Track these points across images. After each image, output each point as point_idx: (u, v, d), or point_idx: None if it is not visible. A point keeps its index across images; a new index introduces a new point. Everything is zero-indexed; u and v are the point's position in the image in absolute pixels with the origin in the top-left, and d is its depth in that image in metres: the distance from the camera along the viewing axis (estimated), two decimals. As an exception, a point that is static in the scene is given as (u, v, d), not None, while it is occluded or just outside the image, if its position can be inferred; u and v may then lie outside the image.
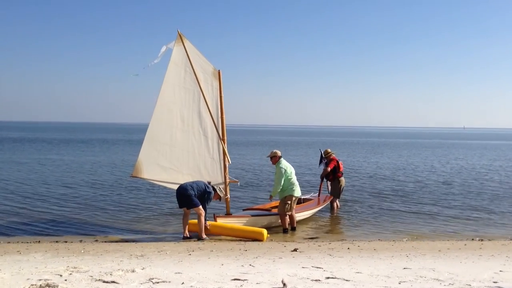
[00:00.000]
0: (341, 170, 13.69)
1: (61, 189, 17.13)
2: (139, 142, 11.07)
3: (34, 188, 17.12)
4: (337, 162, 13.65)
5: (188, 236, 9.98)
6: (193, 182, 10.09)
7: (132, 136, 65.21)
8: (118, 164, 27.05)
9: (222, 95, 11.14)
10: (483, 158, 36.91)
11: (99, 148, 42.81)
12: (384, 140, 77.05)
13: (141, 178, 11.01)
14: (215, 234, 10.24)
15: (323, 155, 13.84)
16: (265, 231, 10.05)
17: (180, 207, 10.02)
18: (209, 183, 10.33)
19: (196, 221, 10.02)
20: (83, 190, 16.98)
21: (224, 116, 11.10)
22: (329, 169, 13.49)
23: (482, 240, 10.28)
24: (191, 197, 9.79)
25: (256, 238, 10.01)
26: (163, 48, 10.83)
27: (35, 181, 19.16)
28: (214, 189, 10.25)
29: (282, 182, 10.86)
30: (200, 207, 9.82)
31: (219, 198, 10.45)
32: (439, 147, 56.04)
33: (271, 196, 11.27)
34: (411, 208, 14.13)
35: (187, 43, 10.84)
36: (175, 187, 10.77)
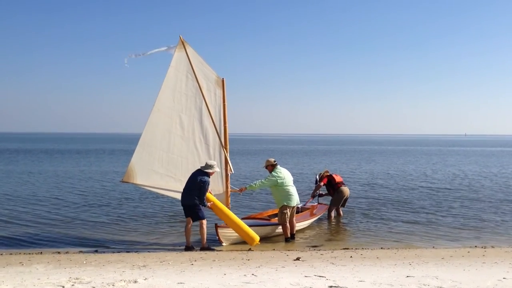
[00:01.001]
0: (337, 181, 13.88)
1: (61, 200, 17.12)
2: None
3: (34, 200, 17.11)
4: (330, 175, 13.97)
5: (191, 246, 9.95)
6: (189, 185, 9.85)
7: (129, 146, 65.56)
8: (116, 174, 27.05)
9: (226, 103, 11.09)
10: (479, 165, 36.91)
11: (95, 159, 42.79)
12: (384, 148, 77.05)
13: (133, 183, 10.79)
14: (214, 212, 10.29)
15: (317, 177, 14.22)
16: (257, 240, 10.15)
17: (186, 217, 10.02)
18: (206, 165, 10.01)
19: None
20: (83, 201, 16.97)
21: (227, 124, 11.04)
22: (322, 183, 13.78)
23: (485, 247, 10.26)
24: (194, 208, 9.78)
25: (247, 241, 10.14)
26: (163, 48, 10.68)
27: (35, 193, 19.15)
28: (206, 173, 9.89)
29: (264, 186, 10.94)
30: (204, 220, 9.83)
31: (215, 171, 10.19)
32: (437, 154, 56.03)
33: (245, 188, 11.07)
34: (412, 216, 14.10)
35: (189, 49, 10.73)
36: (172, 194, 10.77)
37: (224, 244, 10.32)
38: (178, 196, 10.76)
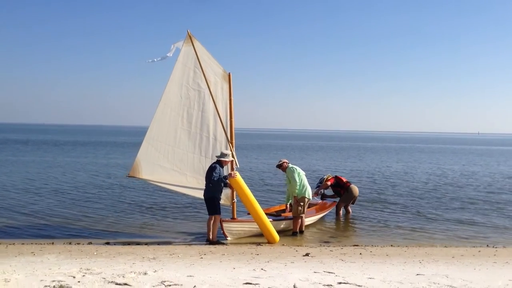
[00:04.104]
0: (344, 181, 13.95)
1: (72, 192, 17.27)
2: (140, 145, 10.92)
3: (46, 191, 17.27)
4: (336, 176, 14.12)
5: (211, 239, 9.96)
6: (205, 178, 9.97)
7: (134, 139, 65.93)
8: (125, 166, 27.18)
9: (232, 98, 11.05)
10: (489, 164, 36.50)
11: (104, 150, 43.15)
12: (396, 145, 76.53)
13: (138, 178, 10.82)
14: (240, 199, 10.21)
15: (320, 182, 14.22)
16: (277, 240, 10.22)
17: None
18: (220, 153, 10.21)
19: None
20: (93, 193, 17.10)
21: (233, 119, 11.01)
22: (329, 183, 13.83)
23: (496, 247, 10.16)
24: (210, 201, 9.88)
25: (268, 240, 10.17)
26: (172, 47, 10.65)
27: (47, 184, 19.34)
28: (219, 162, 10.05)
29: (298, 180, 11.00)
30: (218, 216, 9.92)
31: (230, 162, 10.31)
32: (443, 151, 55.55)
33: (295, 197, 11.06)
34: (422, 214, 14.00)
35: (196, 44, 10.68)
36: (178, 189, 10.84)
37: (228, 238, 10.34)
38: (184, 190, 10.86)
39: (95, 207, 14.24)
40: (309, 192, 11.12)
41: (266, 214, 11.25)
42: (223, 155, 10.14)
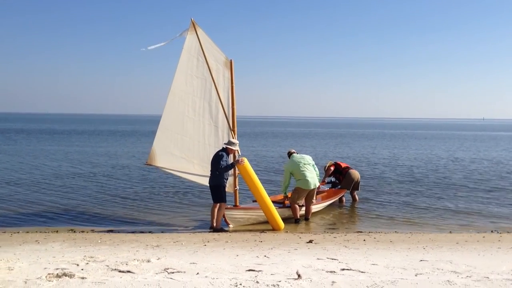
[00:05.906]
0: (344, 166, 14.01)
1: (76, 180, 17.34)
2: (146, 133, 11.01)
3: (50, 180, 17.35)
4: (336, 163, 14.21)
5: (214, 226, 9.97)
6: (211, 166, 9.96)
7: (140, 127, 66.00)
8: (130, 155, 27.24)
9: (234, 85, 11.04)
10: (495, 151, 36.35)
11: (109, 139, 43.20)
12: (399, 132, 76.35)
13: (155, 166, 10.96)
14: (246, 184, 10.26)
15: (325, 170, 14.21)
16: (283, 227, 10.23)
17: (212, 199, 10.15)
18: (228, 141, 10.23)
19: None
20: (97, 181, 17.17)
21: (235, 106, 11.00)
22: (332, 168, 13.93)
23: (501, 232, 10.13)
24: (216, 189, 9.87)
25: (273, 226, 10.19)
26: (177, 35, 10.67)
27: (51, 172, 19.43)
28: (225, 149, 10.04)
29: (285, 178, 11.28)
30: (223, 204, 9.93)
31: (235, 151, 10.29)
32: (455, 138, 55.37)
33: (284, 193, 11.45)
34: (427, 201, 13.98)
35: (200, 32, 10.67)
36: (187, 176, 10.91)
37: (231, 226, 10.38)
38: (191, 177, 10.96)
39: (99, 195, 14.30)
40: (306, 183, 10.99)
41: (273, 202, 11.28)
42: (231, 143, 10.13)
